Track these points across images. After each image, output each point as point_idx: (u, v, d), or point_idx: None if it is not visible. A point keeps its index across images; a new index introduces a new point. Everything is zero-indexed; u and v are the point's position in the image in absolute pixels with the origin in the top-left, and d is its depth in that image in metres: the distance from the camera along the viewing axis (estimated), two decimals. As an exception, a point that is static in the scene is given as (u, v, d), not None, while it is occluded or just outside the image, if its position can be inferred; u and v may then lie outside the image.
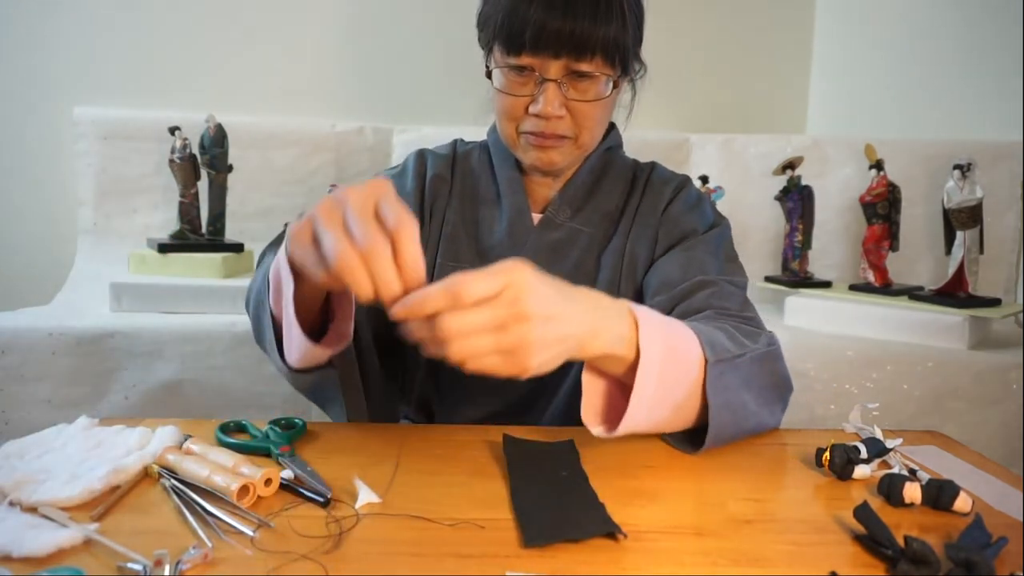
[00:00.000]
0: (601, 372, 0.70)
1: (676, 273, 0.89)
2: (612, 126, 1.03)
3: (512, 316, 0.57)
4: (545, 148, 0.92)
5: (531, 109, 0.90)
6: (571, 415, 0.86)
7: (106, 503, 0.60)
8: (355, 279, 0.56)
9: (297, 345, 0.71)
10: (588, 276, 0.97)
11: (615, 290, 0.95)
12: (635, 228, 0.97)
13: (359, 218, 0.56)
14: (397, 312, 0.57)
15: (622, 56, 0.89)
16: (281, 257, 0.68)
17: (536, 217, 0.99)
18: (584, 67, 0.87)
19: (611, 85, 0.90)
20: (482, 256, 0.98)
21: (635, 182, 1.02)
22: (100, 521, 0.58)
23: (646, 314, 0.68)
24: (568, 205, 0.98)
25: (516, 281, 0.57)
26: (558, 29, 0.84)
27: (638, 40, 0.93)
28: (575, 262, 0.96)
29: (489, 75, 0.92)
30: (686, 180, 1.02)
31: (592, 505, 0.62)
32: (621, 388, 0.71)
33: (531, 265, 0.60)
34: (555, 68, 0.87)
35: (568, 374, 0.93)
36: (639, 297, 0.95)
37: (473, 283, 0.56)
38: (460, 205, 1.00)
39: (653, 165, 1.05)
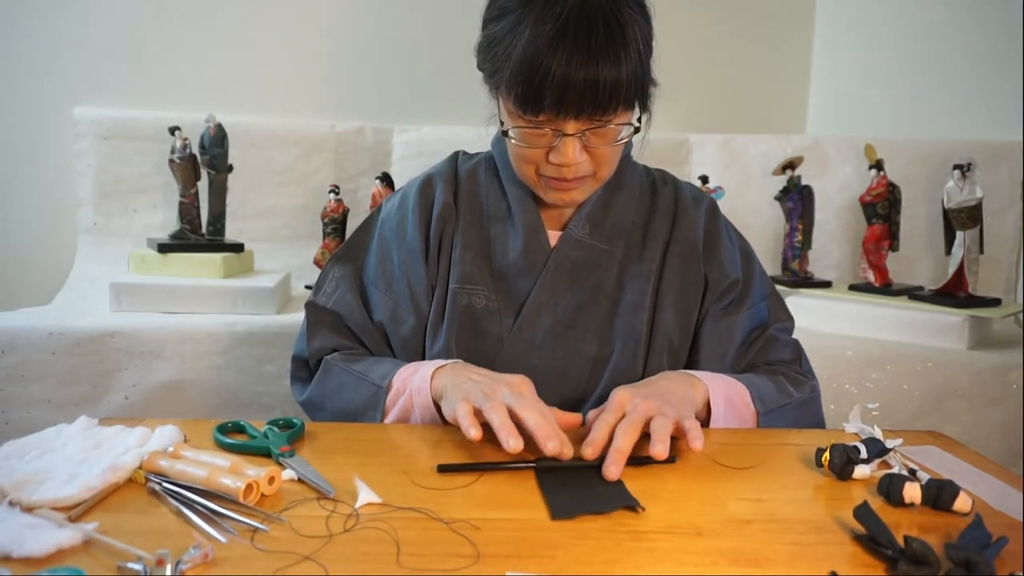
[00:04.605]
0: None
1: (739, 334, 0.99)
2: None
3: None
4: (567, 190, 0.91)
5: (551, 158, 0.88)
6: None
7: (86, 504, 0.60)
8: (508, 438, 0.71)
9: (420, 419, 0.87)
10: (609, 297, 0.96)
11: (647, 315, 0.94)
12: (672, 258, 0.97)
13: (524, 405, 0.75)
14: (611, 471, 0.71)
15: (642, 96, 0.87)
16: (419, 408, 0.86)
17: (552, 235, 0.97)
18: (604, 119, 0.85)
19: (632, 130, 0.89)
20: (498, 276, 0.96)
21: (656, 197, 1.01)
22: (79, 520, 0.58)
23: (712, 381, 0.88)
24: (587, 221, 0.97)
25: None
26: (581, 85, 0.80)
27: (648, 57, 0.88)
28: (595, 282, 0.95)
29: (505, 133, 0.90)
30: (711, 200, 1.04)
31: (611, 482, 0.69)
32: None
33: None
34: (574, 125, 0.85)
35: (594, 392, 0.93)
36: (685, 324, 0.97)
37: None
38: (468, 226, 0.98)
39: (675, 181, 1.04)
